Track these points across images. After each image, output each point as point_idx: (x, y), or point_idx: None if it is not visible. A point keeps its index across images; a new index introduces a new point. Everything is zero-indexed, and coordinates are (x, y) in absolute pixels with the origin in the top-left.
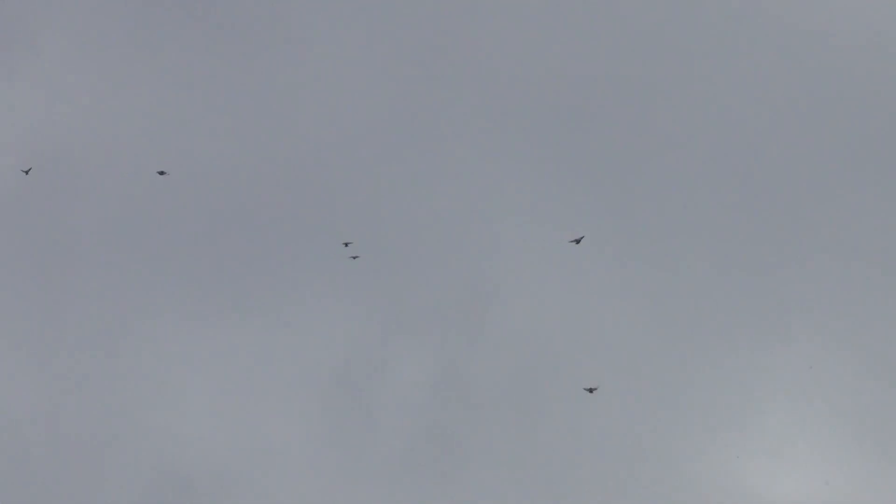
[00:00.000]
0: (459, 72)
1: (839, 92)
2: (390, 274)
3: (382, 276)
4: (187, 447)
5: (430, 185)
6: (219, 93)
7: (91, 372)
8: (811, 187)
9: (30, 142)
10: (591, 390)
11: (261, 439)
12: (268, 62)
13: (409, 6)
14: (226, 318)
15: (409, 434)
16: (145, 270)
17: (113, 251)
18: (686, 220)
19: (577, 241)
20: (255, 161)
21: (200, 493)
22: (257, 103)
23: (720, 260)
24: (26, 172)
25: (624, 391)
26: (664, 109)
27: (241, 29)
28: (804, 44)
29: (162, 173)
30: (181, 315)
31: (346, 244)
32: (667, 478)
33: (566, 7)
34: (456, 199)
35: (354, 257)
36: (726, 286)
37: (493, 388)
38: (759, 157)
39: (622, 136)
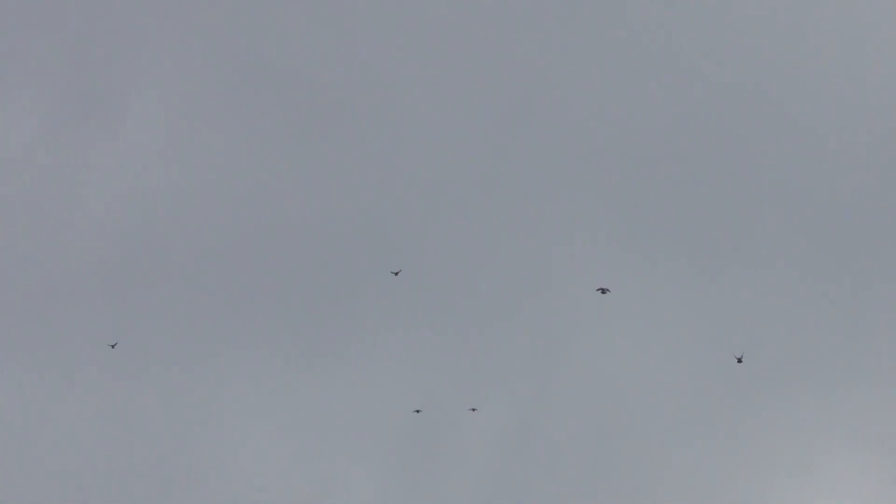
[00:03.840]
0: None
1: None
2: (463, 325)
3: (455, 328)
4: (256, 494)
5: (504, 241)
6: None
7: (162, 419)
8: (884, 237)
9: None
10: (603, 291)
11: (330, 487)
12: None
13: (481, 60)
14: (299, 367)
15: (478, 487)
16: (222, 318)
17: (188, 299)
18: (751, 264)
19: (604, 292)
20: (332, 214)
21: None
22: (330, 158)
23: (784, 308)
24: None
25: (689, 439)
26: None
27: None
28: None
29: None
30: (257, 363)
31: (396, 273)
32: None
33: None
34: (531, 255)
35: (396, 273)
36: (790, 332)
37: (564, 441)
38: (831, 208)
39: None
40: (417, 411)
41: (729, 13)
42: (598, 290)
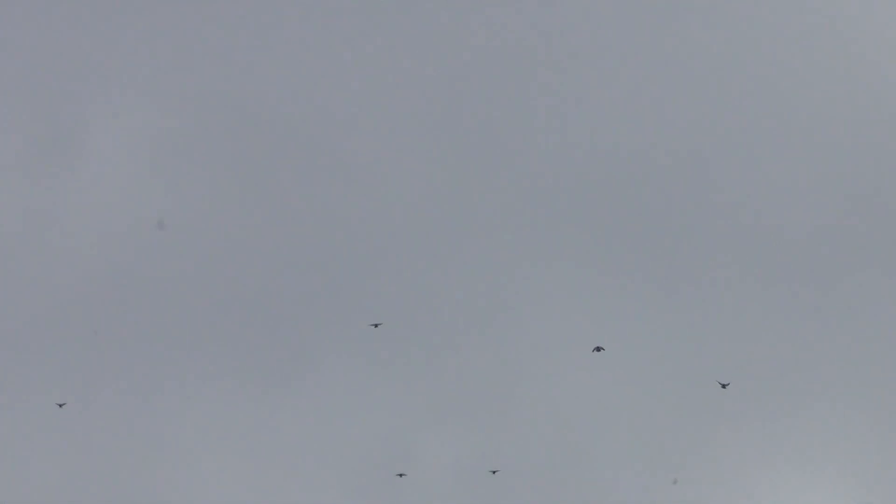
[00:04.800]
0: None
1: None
2: (419, 358)
3: (411, 360)
4: None
5: (458, 272)
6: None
7: (115, 445)
8: (831, 261)
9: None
10: (598, 349)
11: None
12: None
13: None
14: (256, 394)
15: None
16: (180, 347)
17: (147, 328)
18: (699, 287)
19: (598, 350)
20: (288, 241)
21: None
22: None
23: (732, 331)
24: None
25: (642, 463)
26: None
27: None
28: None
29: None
30: (210, 391)
31: (376, 325)
32: None
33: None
34: (485, 286)
35: (376, 325)
36: (737, 355)
37: (522, 469)
38: (777, 230)
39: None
40: (401, 475)
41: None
42: (594, 349)
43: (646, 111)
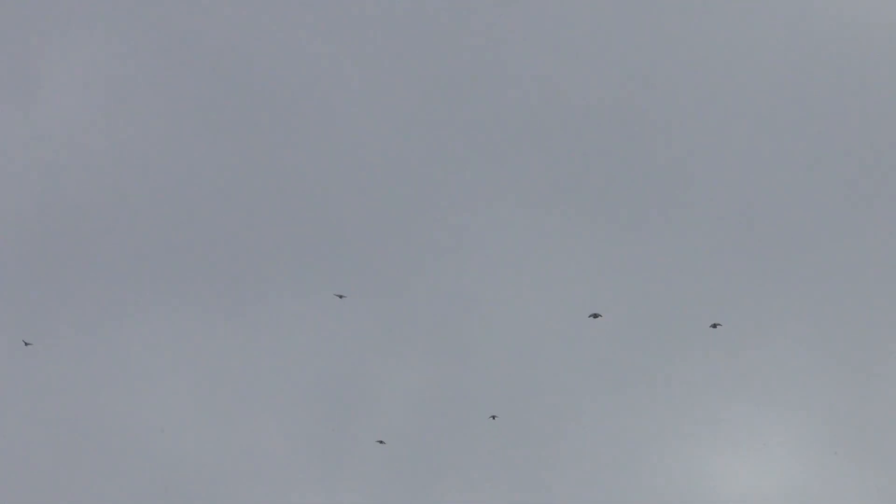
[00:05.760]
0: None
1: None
2: (380, 288)
3: (372, 290)
4: (167, 445)
5: (417, 205)
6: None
7: (74, 368)
8: (788, 200)
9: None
10: (595, 316)
11: (243, 444)
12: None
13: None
14: (213, 323)
15: (393, 446)
16: (134, 269)
17: (101, 258)
18: (661, 223)
19: (596, 317)
20: (242, 171)
21: (179, 490)
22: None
23: (696, 267)
24: None
25: (601, 394)
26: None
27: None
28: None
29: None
30: (169, 316)
31: (340, 296)
32: (643, 474)
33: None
34: (443, 221)
35: (340, 296)
36: (701, 292)
37: (477, 400)
38: (736, 166)
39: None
40: (381, 442)
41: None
42: (590, 315)
43: (610, 50)
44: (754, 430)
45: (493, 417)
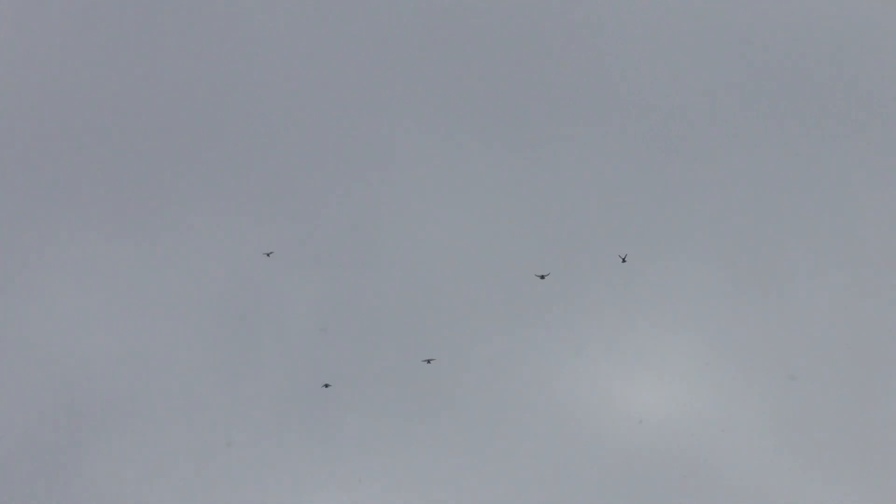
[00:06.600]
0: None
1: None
2: (283, 201)
3: (276, 203)
4: (71, 363)
5: (326, 122)
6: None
7: None
8: (689, 118)
9: None
10: (542, 276)
11: (145, 360)
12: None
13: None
14: (117, 237)
15: (292, 362)
16: (44, 189)
17: (11, 167)
18: (564, 144)
19: (543, 277)
20: (158, 95)
21: (83, 410)
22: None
23: (598, 186)
24: None
25: (503, 314)
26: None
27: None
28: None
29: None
30: (72, 233)
31: (326, 385)
32: (539, 395)
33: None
34: (352, 137)
35: (268, 254)
36: (603, 207)
37: (380, 310)
38: (642, 86)
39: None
40: (326, 385)
41: None
42: (538, 275)
43: None
44: (651, 350)
45: (429, 361)
